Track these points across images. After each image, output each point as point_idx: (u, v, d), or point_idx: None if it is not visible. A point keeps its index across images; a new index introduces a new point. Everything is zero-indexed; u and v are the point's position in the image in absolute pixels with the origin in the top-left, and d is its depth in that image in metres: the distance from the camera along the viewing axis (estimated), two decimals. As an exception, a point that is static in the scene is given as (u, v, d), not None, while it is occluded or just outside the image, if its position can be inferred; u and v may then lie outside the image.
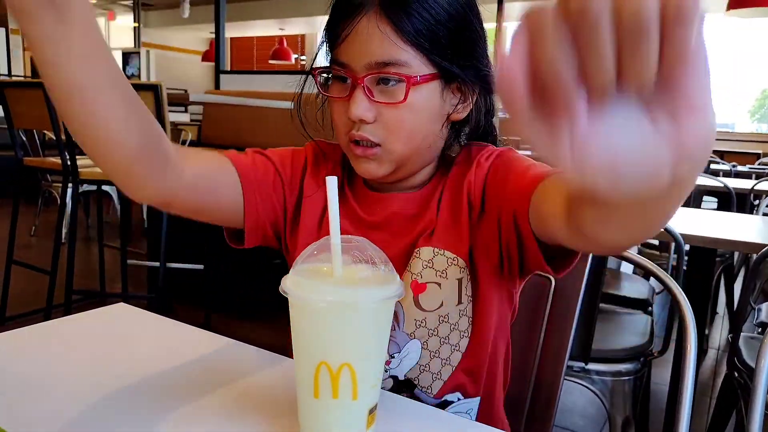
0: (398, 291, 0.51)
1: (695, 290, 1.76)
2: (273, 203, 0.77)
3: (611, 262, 2.57)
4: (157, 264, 2.76)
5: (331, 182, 0.53)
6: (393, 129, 0.70)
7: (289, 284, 0.51)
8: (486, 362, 0.76)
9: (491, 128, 0.81)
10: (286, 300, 0.51)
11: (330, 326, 0.50)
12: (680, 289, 0.80)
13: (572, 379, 1.48)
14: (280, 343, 0.70)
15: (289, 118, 0.79)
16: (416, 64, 0.68)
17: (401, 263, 0.74)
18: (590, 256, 0.92)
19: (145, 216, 4.53)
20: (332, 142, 0.82)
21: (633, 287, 2.10)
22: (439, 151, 0.77)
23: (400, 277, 0.68)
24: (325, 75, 0.74)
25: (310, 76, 0.75)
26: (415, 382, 0.74)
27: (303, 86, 0.77)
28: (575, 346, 1.46)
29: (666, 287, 0.82)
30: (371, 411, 0.53)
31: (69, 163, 2.48)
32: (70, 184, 2.61)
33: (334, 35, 0.71)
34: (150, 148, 0.60)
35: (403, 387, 0.75)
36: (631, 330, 1.66)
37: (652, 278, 2.45)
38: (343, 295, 0.50)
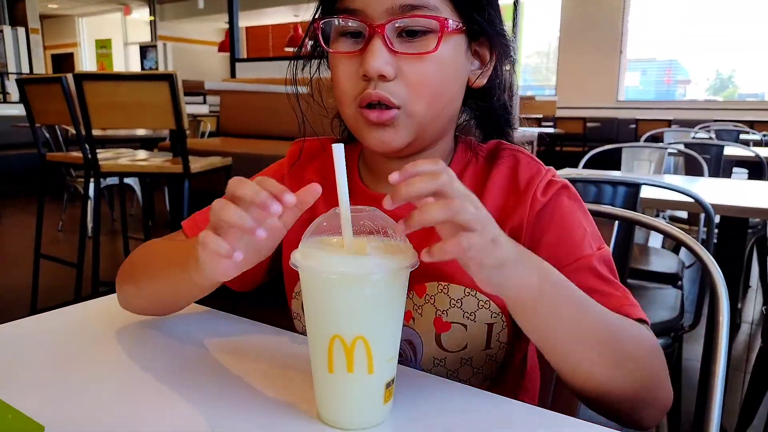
0: (411, 261, 0.48)
1: (727, 262, 1.70)
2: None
3: (639, 237, 2.51)
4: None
5: (338, 149, 0.48)
6: (417, 87, 0.60)
7: (299, 257, 0.48)
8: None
9: (509, 113, 0.72)
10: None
11: (342, 298, 0.48)
12: (711, 257, 0.77)
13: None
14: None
15: (306, 103, 0.71)
16: (444, 9, 0.60)
17: (422, 273, 0.63)
18: (615, 228, 0.88)
19: (167, 207, 4.58)
20: (322, 137, 0.75)
21: (662, 261, 2.05)
22: (455, 124, 0.70)
23: (419, 296, 0.66)
24: (330, 27, 0.63)
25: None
26: None
27: (301, 48, 0.67)
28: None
29: (696, 256, 0.78)
30: (388, 385, 0.50)
31: (90, 156, 2.50)
32: (92, 179, 2.63)
33: None
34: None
35: None
36: (661, 304, 1.61)
37: (681, 252, 2.39)
38: (354, 266, 0.47)
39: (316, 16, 0.65)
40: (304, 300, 0.51)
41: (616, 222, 0.85)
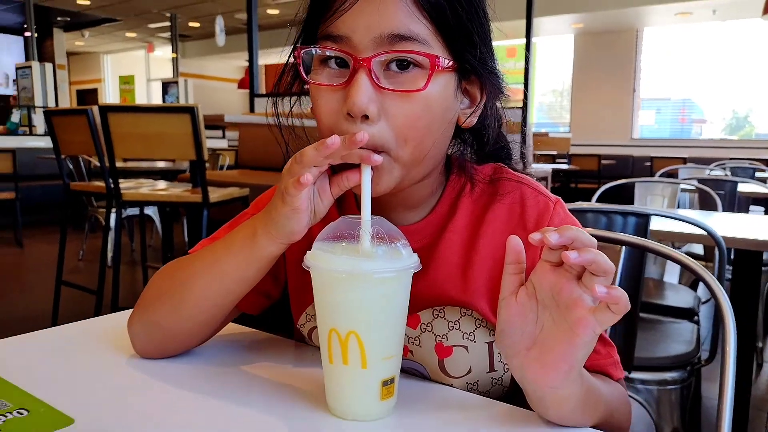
0: (411, 263, 0.52)
1: (742, 296, 1.69)
2: (268, 286, 0.72)
3: (654, 272, 2.50)
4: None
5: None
6: (403, 129, 0.55)
7: (308, 257, 0.54)
8: None
9: (504, 141, 0.70)
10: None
11: (336, 295, 0.52)
12: (718, 284, 0.77)
13: (615, 388, 1.44)
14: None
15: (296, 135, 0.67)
16: (435, 45, 0.55)
17: (415, 302, 0.60)
18: (621, 255, 0.90)
19: (186, 239, 4.64)
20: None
21: (678, 296, 2.03)
22: (444, 157, 0.66)
23: (413, 328, 0.66)
24: (311, 56, 0.59)
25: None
26: None
27: (282, 75, 0.64)
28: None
29: (704, 283, 0.79)
30: (386, 383, 0.53)
31: (112, 186, 2.56)
32: (113, 209, 2.70)
33: (324, 3, 0.57)
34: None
35: None
36: (677, 338, 1.60)
37: (699, 288, 2.37)
38: (347, 266, 0.51)
39: (298, 44, 0.61)
40: (314, 296, 0.55)
41: (623, 248, 0.86)
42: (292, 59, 0.62)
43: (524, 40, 4.98)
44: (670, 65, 8.93)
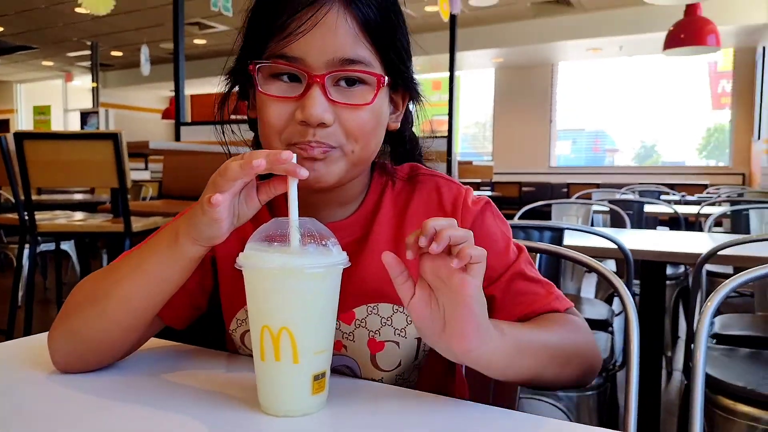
0: (340, 260, 0.56)
1: (649, 305, 1.82)
2: (193, 300, 0.73)
3: (570, 288, 2.63)
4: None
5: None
6: (354, 132, 0.64)
7: (240, 257, 0.56)
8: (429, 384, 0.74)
9: (416, 141, 0.79)
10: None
11: (268, 292, 0.55)
12: (622, 283, 0.85)
13: (538, 397, 1.50)
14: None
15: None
16: (376, 64, 0.65)
17: (351, 299, 0.69)
18: (537, 262, 0.96)
19: (106, 273, 4.44)
20: None
21: (594, 309, 2.15)
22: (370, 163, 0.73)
23: (348, 324, 0.70)
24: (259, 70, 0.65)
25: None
26: None
27: (231, 87, 0.71)
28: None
29: (606, 280, 0.86)
30: (317, 378, 0.56)
31: (27, 218, 2.44)
32: (27, 245, 2.56)
33: (278, 26, 0.63)
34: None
35: None
36: (593, 347, 1.70)
37: (613, 303, 2.52)
38: (278, 262, 0.54)
39: (248, 59, 0.66)
40: (247, 297, 0.57)
41: (538, 255, 0.92)
42: (232, 76, 0.71)
43: (448, 74, 5.20)
44: (584, 98, 9.51)
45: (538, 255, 0.96)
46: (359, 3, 0.63)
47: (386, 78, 0.66)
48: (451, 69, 4.96)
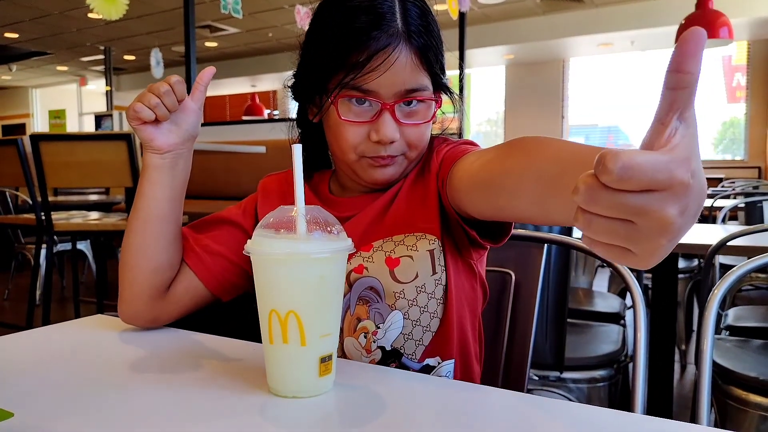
0: (346, 245, 0.58)
1: (660, 296, 1.81)
2: (232, 261, 0.84)
3: (583, 282, 2.63)
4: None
5: (296, 150, 0.60)
6: (415, 142, 0.80)
7: (249, 244, 0.58)
8: (456, 327, 0.81)
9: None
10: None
11: (275, 277, 0.57)
12: (629, 271, 0.85)
13: (549, 389, 1.51)
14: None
15: (258, 162, 0.88)
16: (430, 85, 0.79)
17: (366, 237, 0.82)
18: (544, 252, 0.97)
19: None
20: (280, 172, 0.93)
21: (606, 303, 2.15)
22: None
23: (367, 251, 0.80)
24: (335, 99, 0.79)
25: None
26: (402, 351, 0.79)
27: (322, 109, 0.82)
28: (549, 356, 1.50)
29: (615, 270, 0.87)
30: (324, 360, 0.58)
31: (43, 217, 2.49)
32: (44, 245, 2.60)
33: (354, 64, 0.75)
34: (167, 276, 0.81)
35: (391, 356, 0.79)
36: (604, 339, 1.70)
37: (626, 297, 2.51)
38: (285, 248, 0.56)
39: (335, 89, 0.78)
40: (255, 282, 0.58)
41: (545, 245, 0.93)
42: (323, 100, 0.81)
43: (458, 71, 5.19)
44: (596, 93, 9.45)
45: (550, 246, 0.97)
46: (416, 35, 0.76)
47: (441, 99, 0.81)
48: (461, 67, 4.95)
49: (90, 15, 7.48)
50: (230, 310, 0.86)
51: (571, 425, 0.53)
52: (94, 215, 2.97)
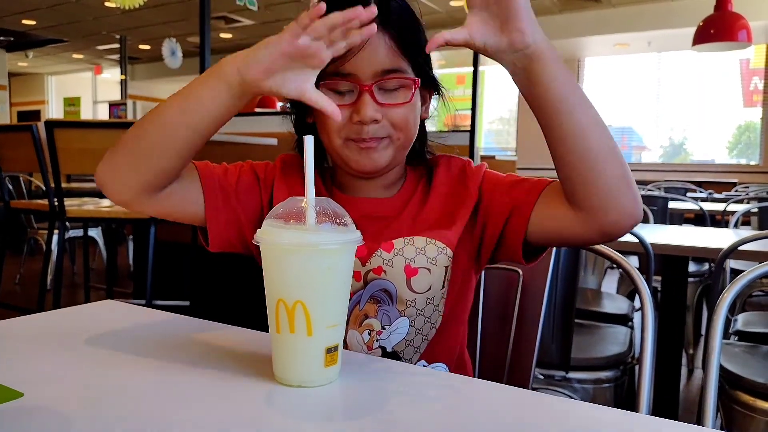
0: (354, 237, 0.58)
1: (669, 299, 1.80)
2: (238, 213, 0.83)
3: (592, 283, 2.61)
4: (143, 302, 2.77)
5: (308, 141, 0.61)
6: (399, 124, 0.80)
7: (258, 233, 0.58)
8: (449, 335, 0.85)
9: (425, 129, 0.92)
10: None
11: (283, 267, 0.57)
12: (638, 273, 0.85)
13: (554, 388, 1.51)
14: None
15: (269, 154, 0.86)
16: (409, 70, 0.81)
17: (391, 233, 0.83)
18: (553, 251, 0.97)
19: (131, 261, 4.54)
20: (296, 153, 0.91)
21: (614, 304, 2.14)
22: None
23: (388, 252, 0.82)
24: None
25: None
26: (400, 355, 0.83)
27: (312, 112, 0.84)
28: (555, 355, 1.49)
29: (625, 271, 0.87)
30: (330, 351, 0.58)
31: (56, 203, 2.51)
32: (56, 231, 2.62)
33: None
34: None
35: (390, 358, 0.80)
36: (611, 340, 1.69)
37: (635, 299, 2.50)
38: (294, 238, 0.56)
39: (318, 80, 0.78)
40: (263, 271, 0.59)
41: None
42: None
43: (472, 68, 5.20)
44: (611, 94, 9.37)
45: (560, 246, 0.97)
46: (392, 24, 0.78)
47: (419, 80, 0.81)
48: (475, 63, 4.94)
49: (107, 3, 7.52)
50: (238, 299, 0.87)
51: (573, 422, 0.53)
52: (106, 202, 2.99)
